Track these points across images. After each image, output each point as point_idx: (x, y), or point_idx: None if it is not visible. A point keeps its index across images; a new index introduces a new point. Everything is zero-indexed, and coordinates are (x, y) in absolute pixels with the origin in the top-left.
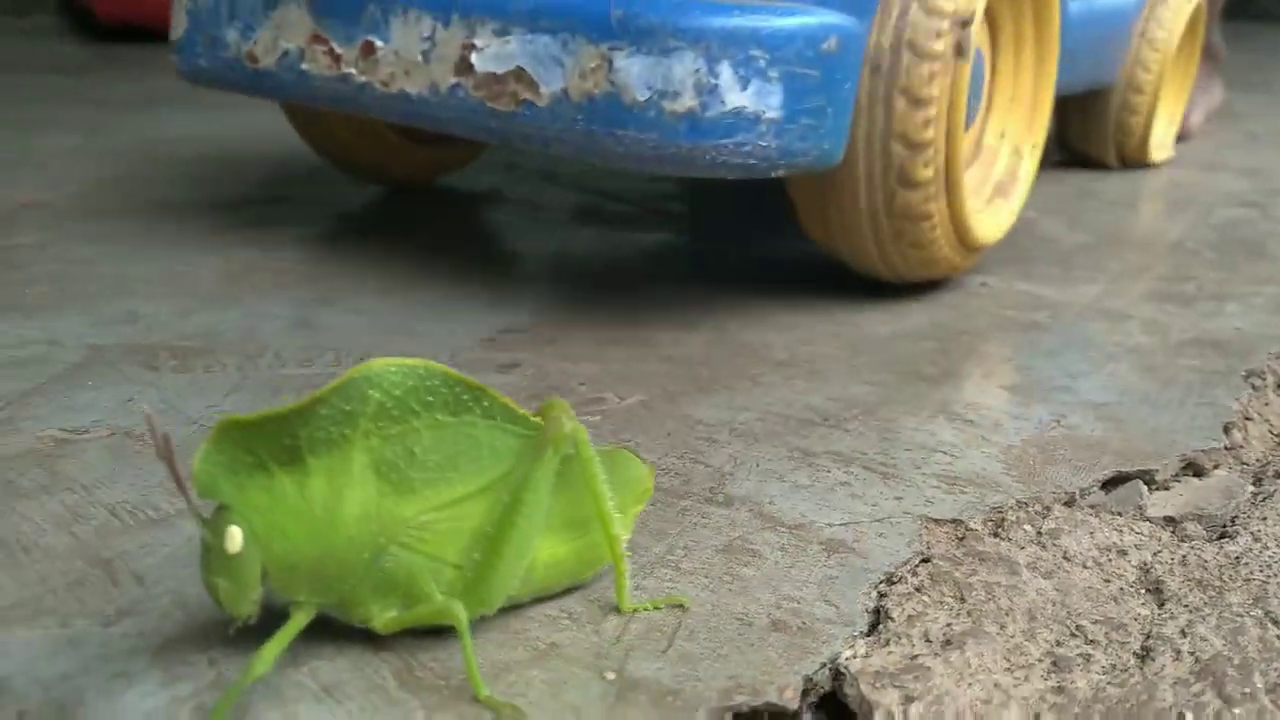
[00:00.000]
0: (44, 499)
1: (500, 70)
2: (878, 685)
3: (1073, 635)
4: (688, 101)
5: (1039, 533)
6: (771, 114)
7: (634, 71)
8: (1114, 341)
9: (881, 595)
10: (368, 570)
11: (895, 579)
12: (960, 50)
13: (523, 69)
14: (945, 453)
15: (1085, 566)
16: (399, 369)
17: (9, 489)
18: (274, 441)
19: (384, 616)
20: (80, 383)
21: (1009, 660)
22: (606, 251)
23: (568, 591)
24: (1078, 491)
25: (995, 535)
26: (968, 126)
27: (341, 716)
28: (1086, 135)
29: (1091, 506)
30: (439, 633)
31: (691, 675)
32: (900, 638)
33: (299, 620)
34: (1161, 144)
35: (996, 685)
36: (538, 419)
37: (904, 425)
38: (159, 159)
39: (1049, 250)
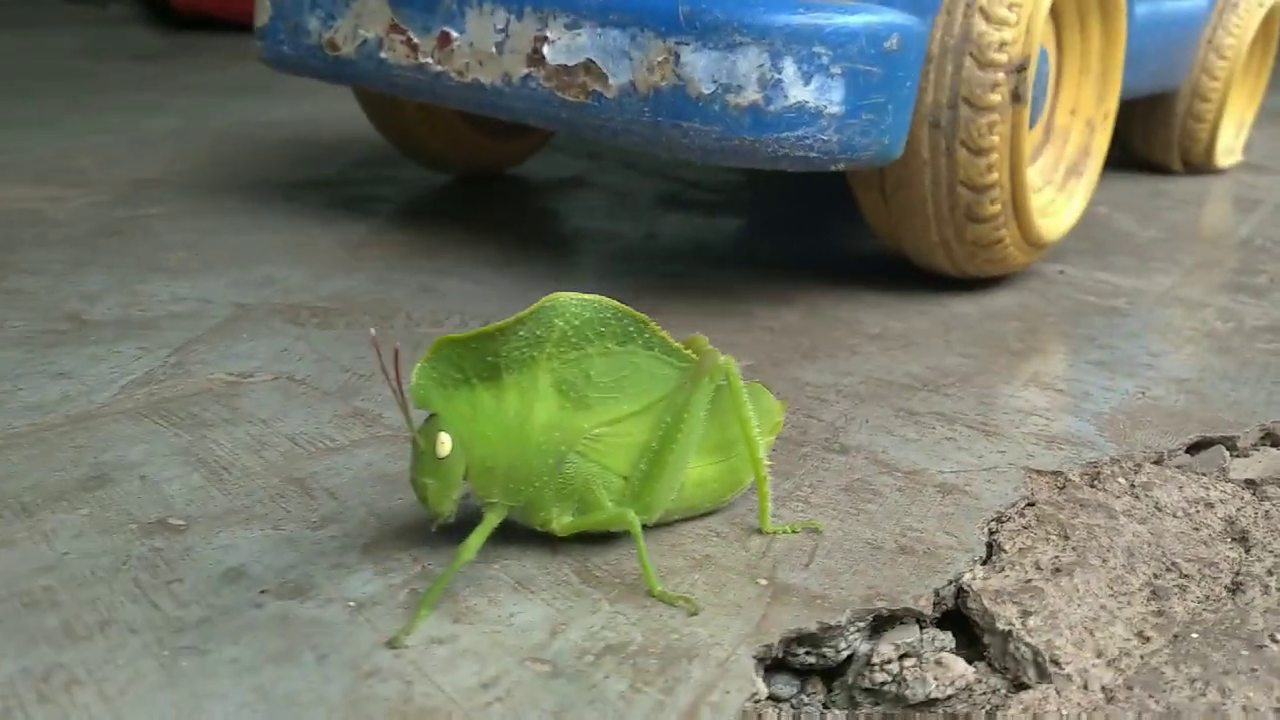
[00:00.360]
0: (229, 429)
1: (571, 62)
2: (998, 601)
3: (1168, 570)
4: (751, 95)
5: (1132, 485)
6: (833, 109)
7: (700, 65)
8: (1191, 326)
9: (992, 531)
10: (551, 475)
11: (1004, 518)
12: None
13: (592, 61)
14: (1040, 416)
15: (1175, 516)
16: (579, 302)
17: (196, 420)
18: (478, 358)
19: (562, 520)
20: (236, 335)
21: (1112, 588)
22: (693, 234)
23: (710, 514)
24: (1165, 453)
25: (1092, 485)
26: (1034, 121)
27: (537, 603)
28: (1150, 141)
29: (1178, 467)
30: (608, 540)
31: (834, 585)
32: (1013, 565)
33: (492, 519)
34: (1229, 150)
35: (1103, 607)
36: (688, 352)
37: (999, 392)
38: (256, 141)
39: (1123, 243)
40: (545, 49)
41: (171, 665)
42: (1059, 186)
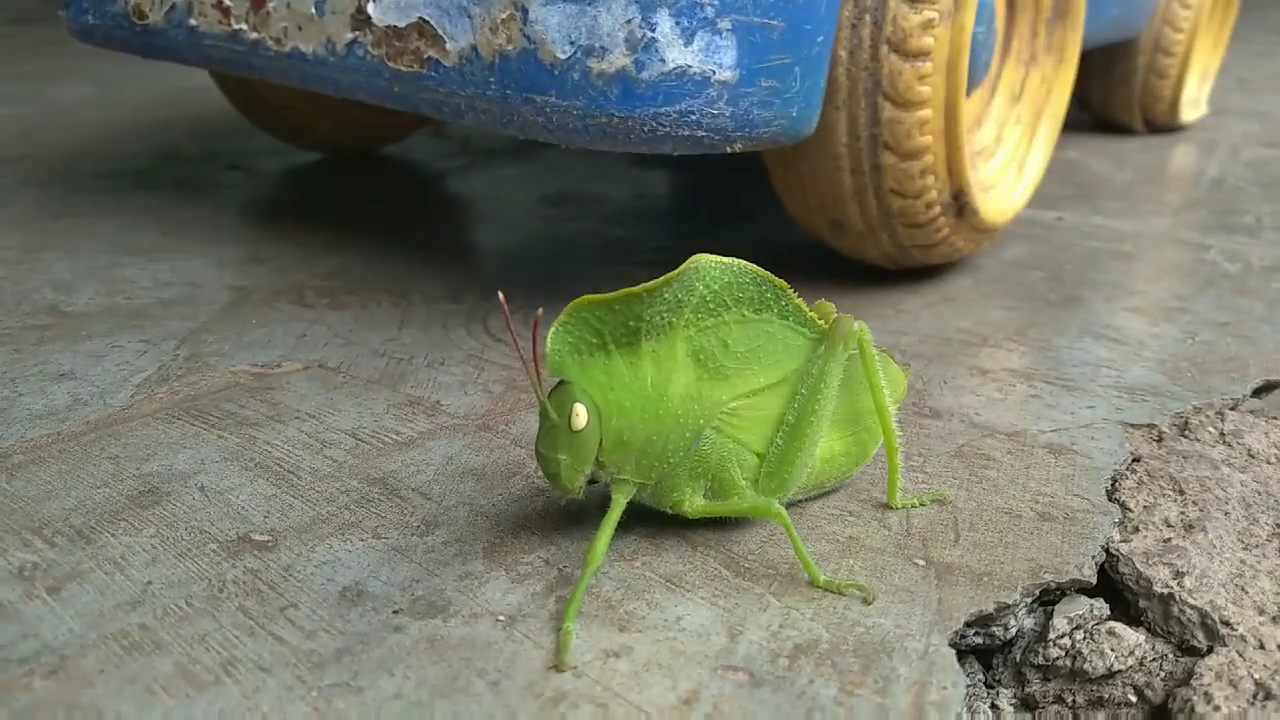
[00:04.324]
0: (278, 427)
1: (401, 23)
2: (1149, 563)
3: None
4: (618, 60)
5: (1222, 434)
6: (723, 74)
7: (552, 23)
8: (1203, 268)
9: (1110, 491)
10: (686, 450)
11: (1119, 476)
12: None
13: (426, 21)
14: (1110, 367)
15: (1270, 462)
16: (719, 265)
17: (236, 418)
18: (620, 322)
19: (695, 501)
20: (244, 321)
21: (1243, 541)
22: (679, 192)
23: (833, 491)
24: (1240, 398)
25: (1184, 436)
26: (976, 84)
27: (699, 603)
28: (1110, 100)
29: (1251, 411)
30: (739, 523)
31: (994, 560)
32: (1146, 525)
33: (619, 502)
34: (1194, 102)
35: (1243, 561)
36: (819, 321)
37: (1057, 344)
38: (188, 106)
39: (1105, 187)
40: (370, 6)
41: (326, 708)
42: (1010, 159)
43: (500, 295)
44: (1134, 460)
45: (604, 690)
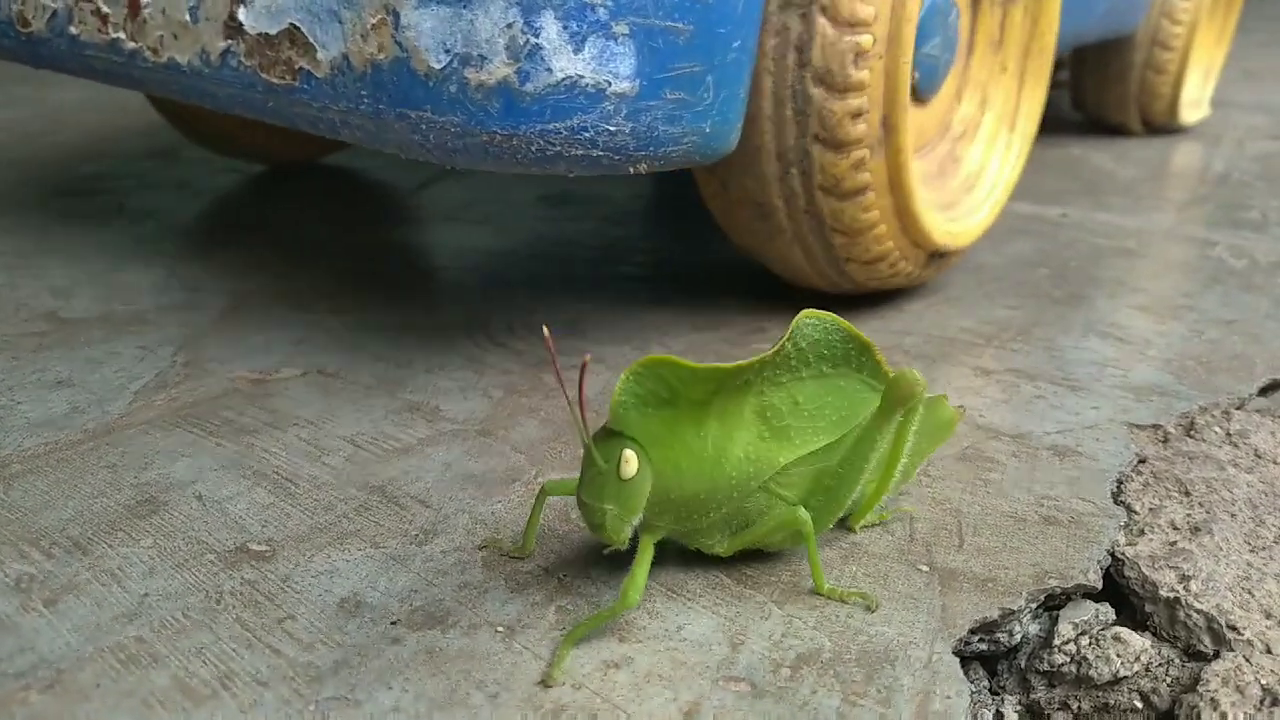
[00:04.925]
0: (276, 434)
1: (273, 30)
2: (1154, 567)
3: None
4: (499, 70)
5: (1228, 434)
6: (621, 85)
7: (425, 28)
8: (1209, 264)
9: (1116, 493)
10: (732, 507)
11: (1124, 478)
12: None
13: (297, 27)
14: (1115, 367)
15: (1276, 462)
16: (814, 323)
17: (234, 426)
18: (699, 385)
19: (724, 544)
20: (243, 327)
21: (1250, 543)
22: (682, 192)
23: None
24: (1246, 397)
25: (1190, 436)
26: (929, 90)
27: (700, 612)
28: (1104, 99)
29: (1258, 410)
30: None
31: (998, 565)
32: (1151, 528)
33: (648, 545)
34: (1195, 102)
35: (1249, 564)
36: (889, 372)
37: (1063, 344)
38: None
39: (1109, 182)
40: (242, 12)
41: None
42: (961, 189)
43: (545, 331)
44: (1139, 462)
45: (604, 702)
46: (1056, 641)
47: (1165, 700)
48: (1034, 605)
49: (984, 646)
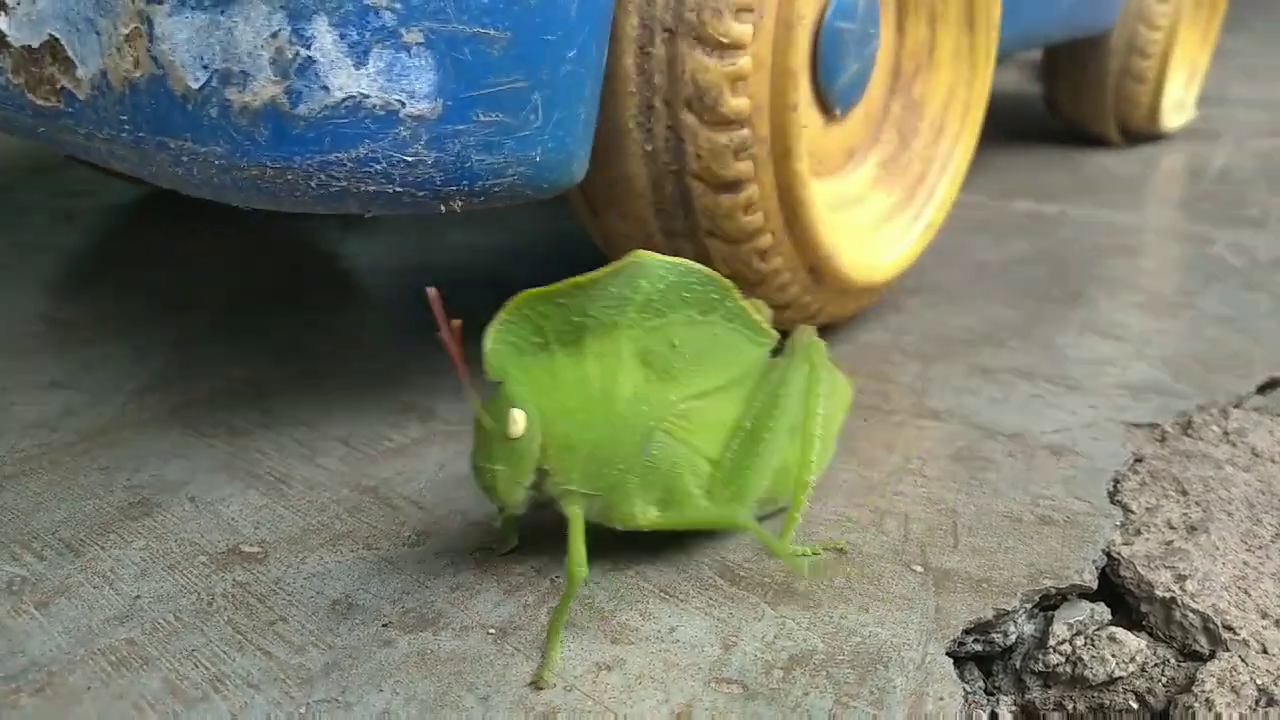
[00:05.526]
0: (270, 435)
1: (34, 41)
2: (1150, 566)
3: None
4: (266, 89)
5: (1225, 433)
6: (418, 107)
7: (180, 40)
8: (1208, 262)
9: (1113, 492)
10: (636, 456)
11: (1120, 477)
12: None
13: (56, 39)
14: (1113, 365)
15: (1274, 461)
16: (664, 263)
17: (228, 427)
18: (563, 318)
19: (649, 513)
20: (238, 325)
21: (1246, 542)
22: None
23: (846, 499)
24: (1244, 396)
25: (1188, 435)
26: (849, 100)
27: (693, 613)
28: (1080, 106)
29: (1256, 409)
30: (736, 533)
31: (993, 565)
32: (1147, 527)
33: (575, 514)
34: (1179, 105)
35: (1245, 563)
36: (766, 326)
37: (1061, 342)
38: None
39: (1109, 180)
40: (4, 20)
41: None
42: (887, 212)
43: (431, 291)
44: (1136, 461)
45: (595, 704)
46: (1051, 642)
47: (1161, 700)
48: (1029, 606)
49: (979, 647)
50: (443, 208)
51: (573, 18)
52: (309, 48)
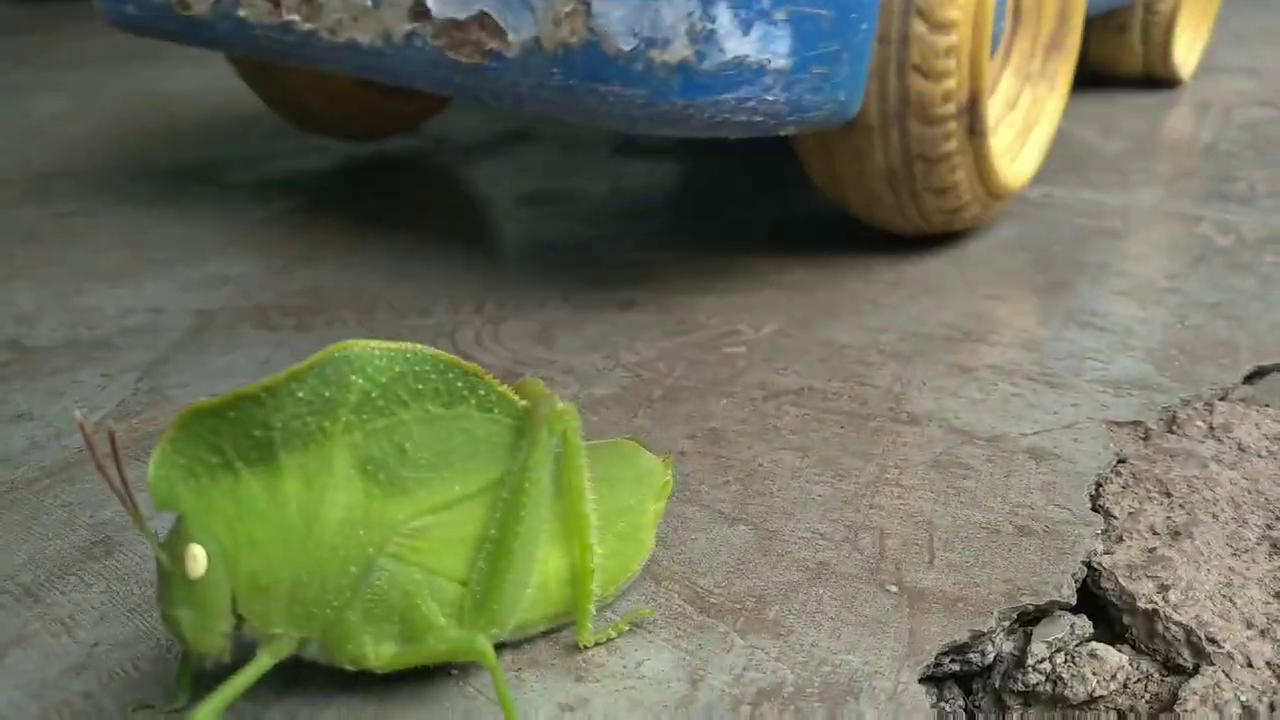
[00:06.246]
0: None
1: (461, 16)
2: (1132, 577)
3: (1279, 519)
4: (680, 51)
5: (1211, 428)
6: (779, 63)
7: (615, 16)
8: (1195, 242)
9: (1094, 497)
10: (355, 590)
11: (1103, 480)
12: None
13: (487, 14)
14: (1095, 359)
15: (1261, 456)
16: (384, 353)
17: None
18: (242, 433)
19: (381, 651)
20: (206, 348)
21: (1231, 545)
22: (661, 185)
23: (820, 514)
24: (1230, 387)
25: (1172, 432)
26: (997, 43)
27: (660, 645)
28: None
29: (1242, 400)
30: (709, 555)
31: (969, 582)
32: (1130, 533)
33: (262, 662)
34: (1184, 61)
35: (1231, 569)
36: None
37: (1042, 336)
38: (159, 117)
39: (1095, 158)
40: (430, 1)
41: None
42: (1016, 135)
43: (77, 415)
44: (1119, 462)
45: None
46: (1030, 661)
47: (1143, 718)
48: (1006, 625)
49: (956, 667)
50: (780, 132)
51: (866, 2)
52: (713, 23)
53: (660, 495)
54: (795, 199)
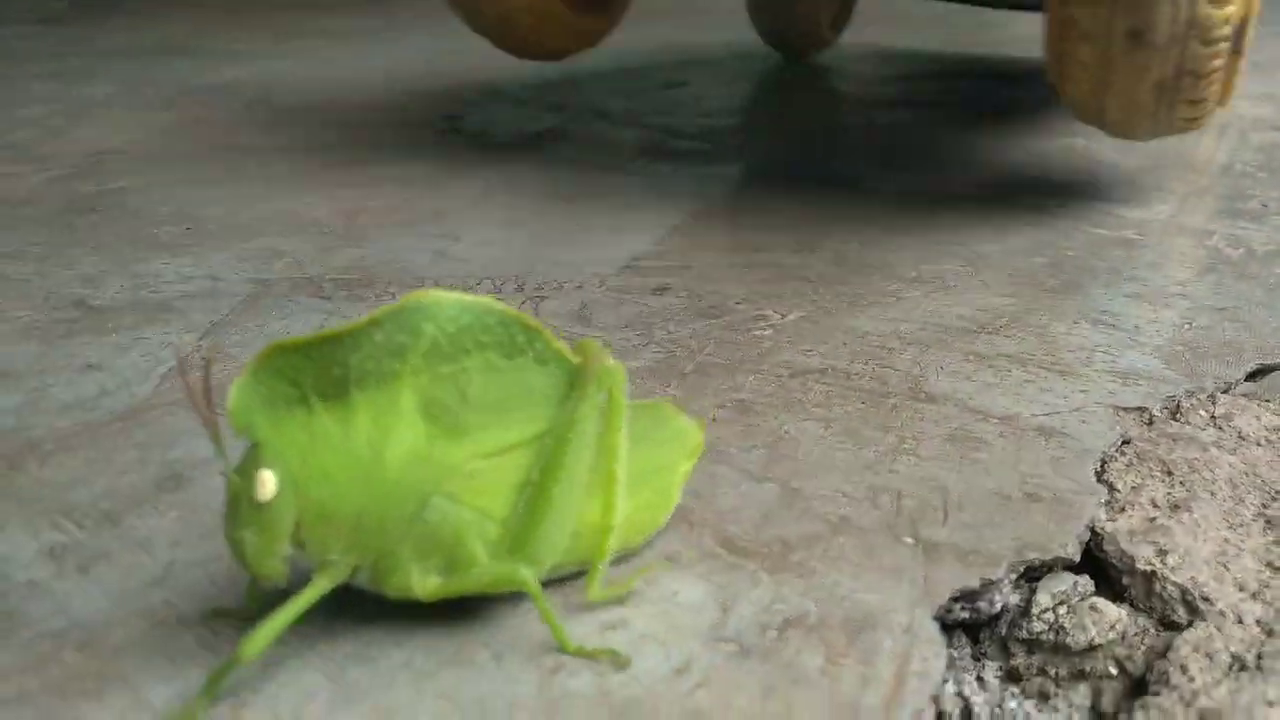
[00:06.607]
0: None
1: None
2: (1132, 541)
3: (1274, 499)
4: None
5: (1213, 417)
6: None
7: None
8: (1205, 254)
9: (1099, 472)
10: (410, 524)
11: (1108, 458)
12: None
13: None
14: (1105, 352)
15: (1259, 444)
16: (457, 303)
17: None
18: (321, 370)
19: (426, 583)
20: (265, 313)
21: (1228, 520)
22: (691, 185)
23: (842, 477)
24: (1233, 383)
25: (1175, 419)
26: None
27: (694, 579)
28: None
29: (1244, 395)
30: (741, 504)
31: (980, 538)
32: (1132, 505)
33: (319, 586)
34: None
35: (1226, 540)
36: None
37: (1055, 330)
38: (204, 105)
39: (1111, 173)
40: None
41: (340, 677)
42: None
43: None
44: (1124, 443)
45: (602, 661)
46: (1035, 610)
47: (1139, 666)
48: (1014, 576)
49: (965, 615)
50: None
51: None
52: None
53: (692, 455)
54: (815, 201)
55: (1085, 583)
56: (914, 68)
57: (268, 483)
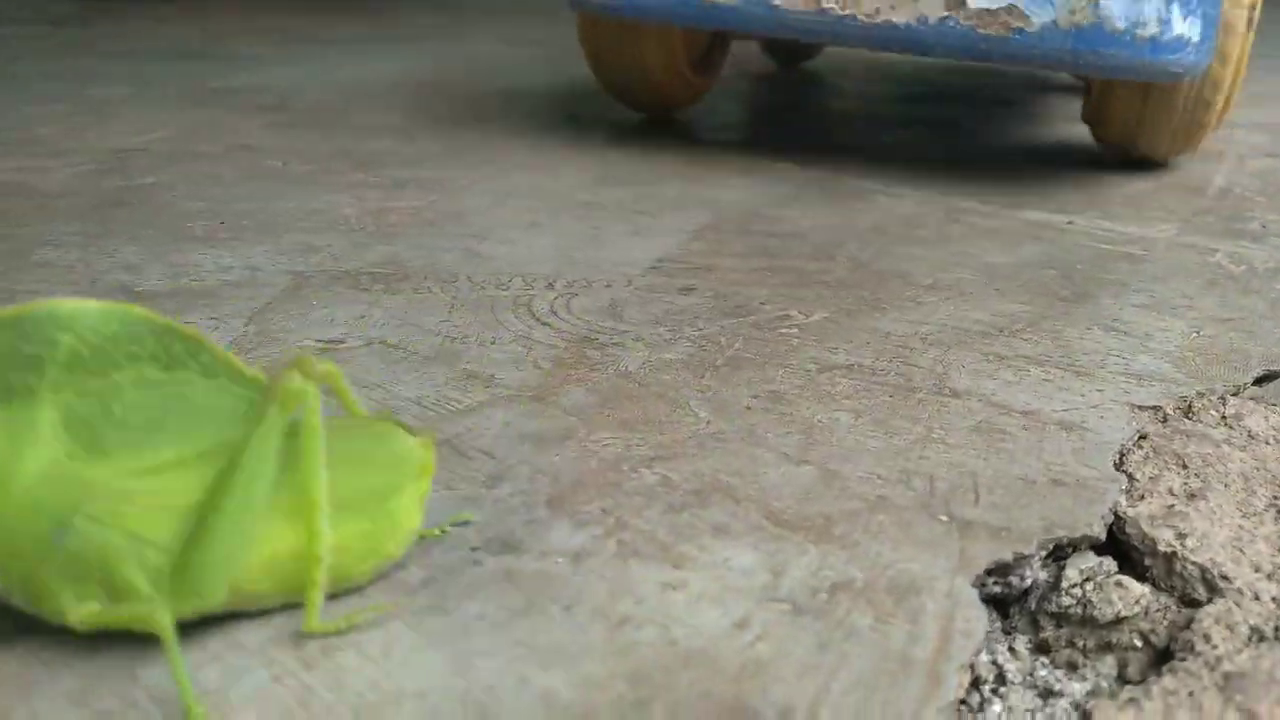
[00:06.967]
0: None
1: (993, 7)
2: (1153, 525)
3: None
4: (1150, 29)
5: (1223, 416)
6: (1195, 39)
7: (1116, 9)
8: (1209, 270)
9: (1118, 463)
10: (49, 547)
11: (1126, 450)
12: (1250, 23)
13: (1015, 6)
14: (1118, 356)
15: (1268, 443)
16: (98, 312)
17: None
18: None
19: (80, 610)
20: (306, 302)
21: (1241, 510)
22: (707, 195)
23: (875, 461)
24: (1241, 386)
25: (1188, 417)
26: None
27: (744, 548)
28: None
29: (1252, 398)
30: (784, 482)
31: (1010, 518)
32: (1150, 493)
33: None
34: None
35: (1240, 527)
36: (275, 380)
37: (1069, 335)
38: (222, 107)
39: (1115, 193)
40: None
41: (419, 626)
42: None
43: None
44: (1140, 437)
45: (665, 615)
46: (1064, 585)
47: (1162, 639)
48: (1044, 552)
49: (998, 589)
50: (1173, 80)
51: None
52: (1169, 14)
53: (420, 476)
54: (829, 213)
55: (1109, 564)
56: (903, 74)
57: None
